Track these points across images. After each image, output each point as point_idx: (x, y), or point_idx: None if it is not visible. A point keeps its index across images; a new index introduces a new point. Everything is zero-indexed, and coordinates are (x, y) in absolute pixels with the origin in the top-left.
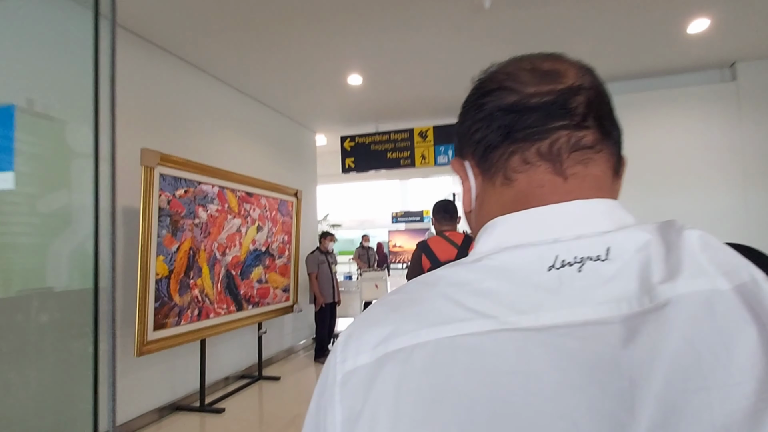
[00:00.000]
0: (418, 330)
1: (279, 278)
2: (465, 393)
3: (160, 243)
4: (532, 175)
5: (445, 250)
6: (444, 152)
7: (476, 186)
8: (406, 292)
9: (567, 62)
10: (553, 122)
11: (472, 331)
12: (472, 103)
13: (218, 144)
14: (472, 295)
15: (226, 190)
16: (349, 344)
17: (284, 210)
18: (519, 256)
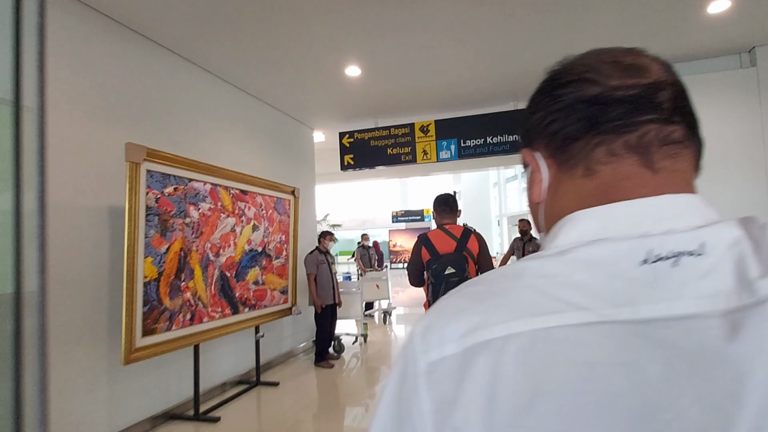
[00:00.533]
0: (510, 321)
1: (276, 279)
2: (566, 384)
3: (148, 243)
4: (618, 167)
5: (444, 243)
6: (446, 147)
7: (548, 177)
8: (488, 284)
9: (648, 57)
10: (641, 115)
11: (568, 323)
12: (546, 94)
13: (210, 140)
14: (563, 287)
15: (219, 187)
16: (431, 334)
17: (281, 209)
18: (608, 249)
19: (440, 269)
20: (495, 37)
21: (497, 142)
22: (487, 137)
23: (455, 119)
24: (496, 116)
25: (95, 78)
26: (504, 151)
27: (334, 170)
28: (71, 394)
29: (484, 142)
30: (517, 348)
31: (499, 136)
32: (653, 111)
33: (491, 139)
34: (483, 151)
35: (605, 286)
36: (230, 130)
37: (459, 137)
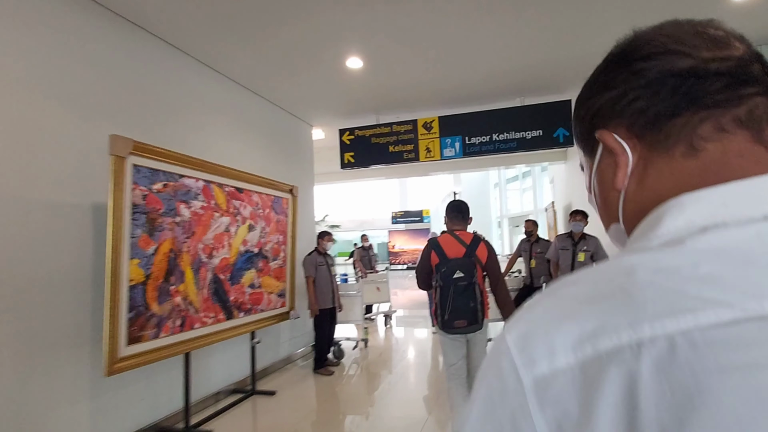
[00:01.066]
0: (637, 324)
1: (274, 282)
2: (726, 394)
3: (134, 244)
4: (729, 143)
5: (454, 248)
6: (451, 145)
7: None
8: (591, 283)
9: (727, 29)
10: (746, 89)
11: (709, 322)
12: (623, 69)
13: (204, 135)
14: (690, 281)
15: (212, 184)
16: (533, 343)
17: (279, 208)
18: (733, 235)
19: (449, 273)
20: (503, 29)
21: (504, 139)
22: (494, 134)
23: (460, 115)
24: (503, 112)
25: (78, 66)
26: (511, 149)
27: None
28: (50, 407)
29: (490, 139)
30: (654, 356)
31: (506, 133)
32: (755, 84)
33: (498, 137)
34: (489, 149)
35: (740, 276)
36: (225, 126)
37: (464, 134)
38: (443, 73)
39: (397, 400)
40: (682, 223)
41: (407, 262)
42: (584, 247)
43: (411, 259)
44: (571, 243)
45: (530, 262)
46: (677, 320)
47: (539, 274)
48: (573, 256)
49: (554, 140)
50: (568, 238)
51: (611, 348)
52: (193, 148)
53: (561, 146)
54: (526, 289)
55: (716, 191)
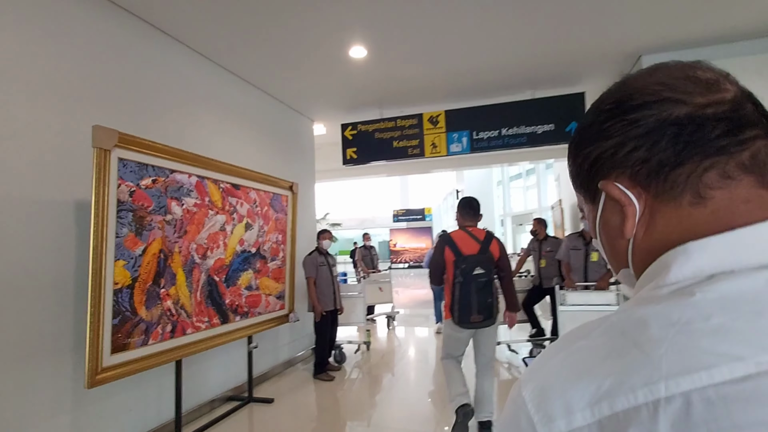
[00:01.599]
0: (653, 383)
1: (272, 284)
2: None
3: (120, 244)
4: (735, 190)
5: (468, 244)
6: (457, 140)
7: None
8: (607, 337)
9: (715, 69)
10: (745, 132)
11: (724, 379)
12: (617, 118)
13: (198, 128)
14: (703, 335)
15: (206, 180)
16: (549, 400)
17: (278, 205)
18: (743, 284)
19: (469, 269)
20: (514, 18)
21: (513, 134)
22: (502, 129)
23: (467, 109)
24: (513, 106)
25: (59, 51)
26: (520, 144)
27: (335, 166)
28: (28, 421)
29: (499, 134)
30: (671, 416)
31: (516, 127)
32: (754, 127)
33: (507, 131)
34: (497, 144)
35: (752, 328)
36: (221, 119)
37: (471, 129)
38: (450, 64)
39: (400, 406)
40: (689, 272)
41: (409, 260)
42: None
43: (413, 258)
44: (582, 242)
45: (539, 261)
46: (692, 378)
47: (549, 275)
48: (585, 256)
49: (566, 135)
50: (579, 238)
51: (628, 408)
52: (187, 142)
53: None
54: (535, 290)
55: (722, 238)
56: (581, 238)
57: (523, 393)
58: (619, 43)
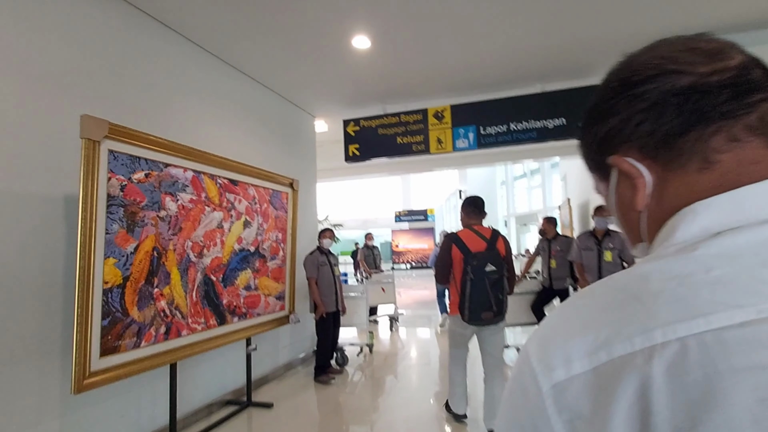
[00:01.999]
0: (649, 331)
1: (272, 284)
2: (741, 395)
3: (111, 241)
4: (742, 152)
5: (475, 242)
6: (464, 135)
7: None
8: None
9: (720, 40)
10: (752, 96)
11: (723, 324)
12: (621, 94)
13: (195, 121)
14: (703, 286)
15: (203, 175)
16: (550, 352)
17: (277, 203)
18: (746, 237)
19: (481, 266)
20: (523, 7)
21: (523, 129)
22: (511, 123)
23: (474, 104)
24: (522, 100)
25: (46, 38)
26: (530, 139)
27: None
28: (13, 427)
29: (508, 129)
30: (667, 359)
31: (525, 122)
32: (761, 90)
33: (515, 126)
34: (506, 140)
35: (754, 278)
36: (219, 113)
37: (478, 124)
38: (456, 56)
39: (404, 410)
40: (696, 230)
41: (411, 261)
42: (609, 245)
43: (415, 259)
44: (594, 242)
45: (549, 262)
46: (689, 325)
47: (560, 276)
48: (598, 255)
49: (578, 130)
50: (590, 237)
51: (624, 354)
52: (182, 135)
53: None
54: (545, 292)
55: (728, 196)
56: (593, 237)
57: (528, 348)
58: (633, 32)
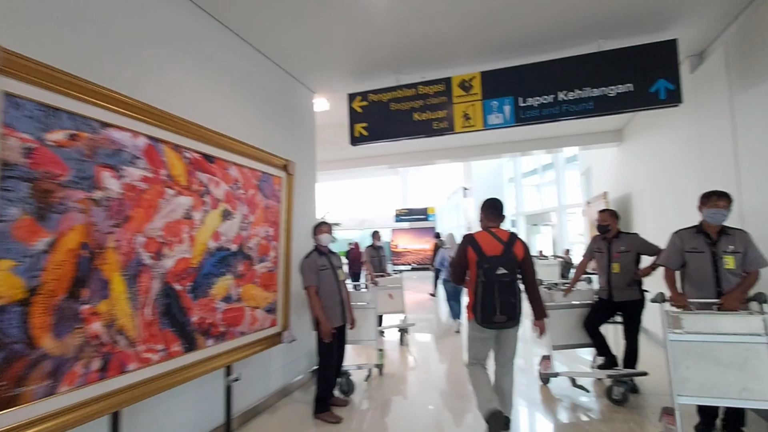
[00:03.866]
0: None
1: (260, 293)
2: None
3: (4, 233)
4: None
5: (491, 245)
6: (498, 109)
7: None
8: None
9: None
10: None
11: None
12: None
13: (162, 78)
14: None
15: (163, 145)
16: None
17: (268, 189)
18: None
19: (492, 269)
20: None
21: (574, 98)
22: (559, 93)
23: (511, 69)
24: (574, 62)
25: None
26: (585, 111)
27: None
28: None
29: (555, 99)
30: None
31: (578, 90)
32: None
33: (565, 95)
34: (553, 113)
35: None
36: (195, 70)
37: (516, 94)
38: (488, 8)
39: None
40: None
41: (412, 262)
42: (729, 247)
43: (416, 260)
44: (705, 242)
45: (610, 266)
46: None
47: (624, 285)
48: (713, 260)
49: (651, 97)
50: (697, 236)
51: None
52: (140, 91)
53: (661, 105)
54: (602, 306)
55: None
56: (702, 235)
57: None
58: None
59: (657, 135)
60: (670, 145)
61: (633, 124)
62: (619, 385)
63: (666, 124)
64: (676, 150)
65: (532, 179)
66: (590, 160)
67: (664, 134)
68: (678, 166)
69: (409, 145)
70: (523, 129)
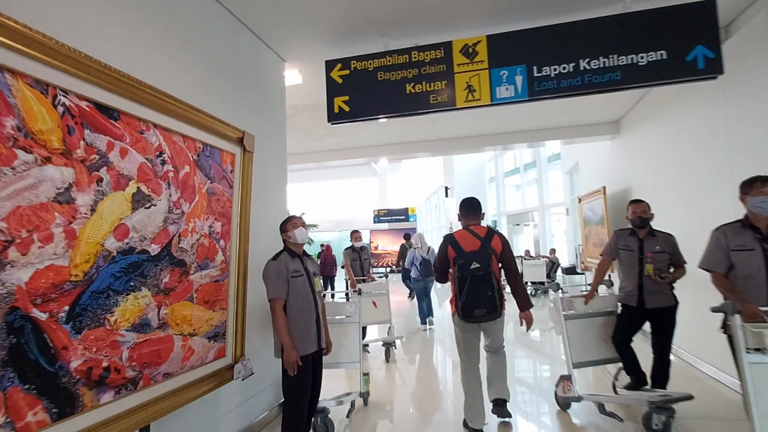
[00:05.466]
0: None
1: (199, 313)
2: None
3: None
4: None
5: (469, 242)
6: (508, 80)
7: None
8: None
9: None
10: None
11: None
12: None
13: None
14: None
15: (9, 76)
16: None
17: (214, 169)
18: None
19: (466, 264)
20: None
21: (599, 67)
22: (581, 61)
23: (523, 33)
24: (597, 25)
25: None
26: (612, 83)
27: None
28: None
29: (576, 68)
30: None
31: (603, 57)
32: None
33: (587, 64)
34: (573, 84)
35: None
36: (128, 11)
37: (530, 62)
38: None
39: None
40: None
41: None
42: None
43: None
44: (755, 237)
45: (642, 269)
46: None
47: (659, 290)
48: (766, 259)
49: (687, 67)
50: (746, 231)
51: None
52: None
53: (699, 76)
54: (631, 314)
55: None
56: (749, 229)
57: None
58: None
59: (663, 124)
60: (681, 133)
61: (632, 114)
62: (659, 411)
63: (676, 111)
64: (690, 139)
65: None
66: (577, 156)
67: (672, 122)
68: (691, 157)
69: (388, 136)
70: (507, 120)
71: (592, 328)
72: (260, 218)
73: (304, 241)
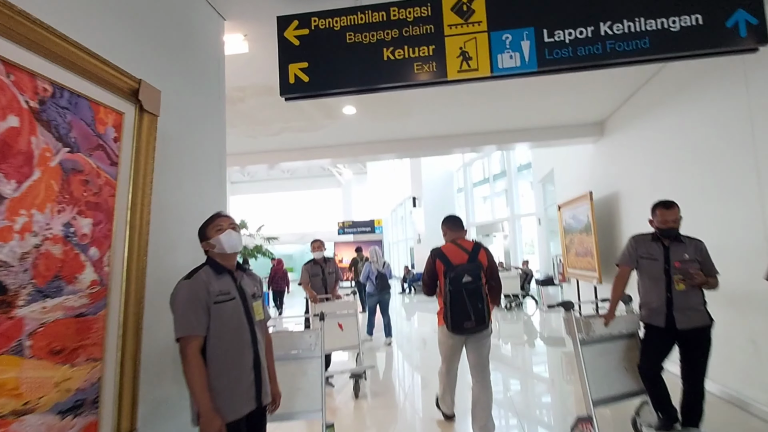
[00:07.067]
0: None
1: (39, 372)
2: None
3: None
4: None
5: (457, 255)
6: (512, 46)
7: None
8: None
9: None
10: None
11: None
12: None
13: None
14: None
15: None
16: None
17: (72, 129)
18: None
19: (458, 278)
20: None
21: (623, 33)
22: (601, 24)
23: None
24: None
25: None
26: (638, 52)
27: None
28: None
29: (595, 33)
30: None
31: (628, 21)
32: None
33: (610, 29)
34: (593, 53)
35: None
36: None
37: (539, 24)
38: None
39: None
40: None
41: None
42: None
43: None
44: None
45: (671, 284)
46: None
47: (692, 305)
48: None
49: (727, 34)
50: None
51: None
52: None
53: (739, 47)
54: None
55: None
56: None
57: None
58: None
59: (659, 121)
60: (683, 131)
61: (620, 114)
62: None
63: (677, 105)
64: (697, 137)
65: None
66: (551, 164)
67: (672, 118)
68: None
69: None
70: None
71: (613, 355)
72: (181, 219)
73: (235, 250)
